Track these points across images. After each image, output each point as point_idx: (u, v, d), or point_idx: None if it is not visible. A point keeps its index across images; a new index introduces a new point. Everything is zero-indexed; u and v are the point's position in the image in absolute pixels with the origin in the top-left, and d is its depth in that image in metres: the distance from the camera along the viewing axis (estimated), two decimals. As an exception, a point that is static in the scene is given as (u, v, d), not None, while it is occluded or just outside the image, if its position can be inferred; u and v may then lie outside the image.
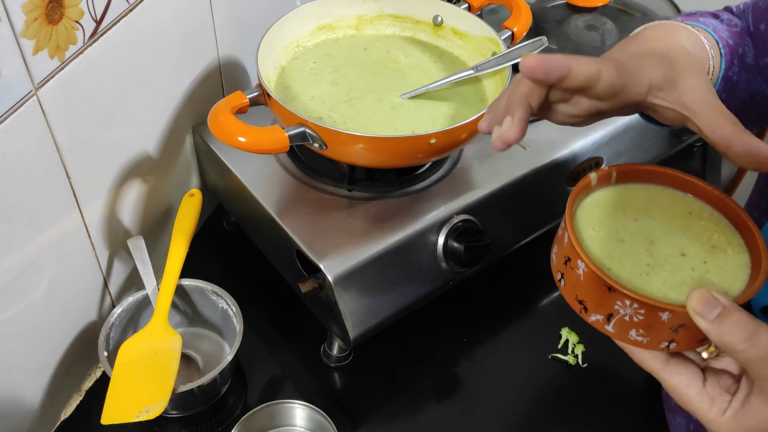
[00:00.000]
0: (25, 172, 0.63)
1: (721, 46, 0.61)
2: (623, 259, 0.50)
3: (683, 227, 0.52)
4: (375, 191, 0.79)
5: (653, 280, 0.49)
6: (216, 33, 0.86)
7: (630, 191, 0.54)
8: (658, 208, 0.53)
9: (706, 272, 0.49)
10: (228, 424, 0.76)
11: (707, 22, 0.63)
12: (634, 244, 0.51)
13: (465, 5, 0.87)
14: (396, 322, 0.79)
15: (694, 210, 0.53)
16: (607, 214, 0.53)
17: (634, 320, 0.47)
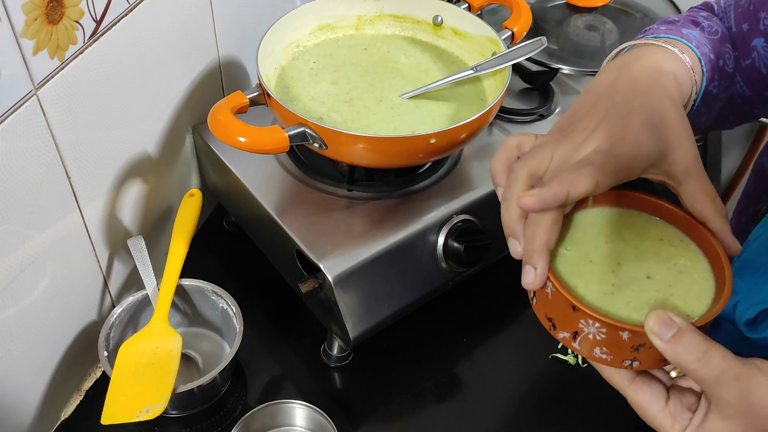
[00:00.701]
0: (25, 172, 0.63)
1: (703, 63, 0.61)
2: (590, 279, 0.51)
3: (653, 251, 0.53)
4: (375, 191, 0.79)
5: (618, 300, 0.50)
6: (216, 33, 0.86)
7: (605, 214, 0.55)
8: (631, 231, 0.54)
9: (670, 295, 0.50)
10: (228, 424, 0.76)
11: (690, 35, 0.63)
12: (602, 264, 0.52)
13: (465, 5, 0.87)
14: (396, 322, 0.79)
15: (665, 235, 0.54)
16: (580, 235, 0.54)
17: (597, 338, 0.49)
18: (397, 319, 0.79)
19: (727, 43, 0.66)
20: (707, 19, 0.69)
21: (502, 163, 0.55)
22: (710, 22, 0.68)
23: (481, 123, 0.74)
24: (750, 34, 0.66)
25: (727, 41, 0.67)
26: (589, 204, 0.55)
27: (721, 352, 0.44)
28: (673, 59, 0.58)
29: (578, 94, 0.93)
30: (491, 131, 0.87)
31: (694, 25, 0.66)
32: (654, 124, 0.51)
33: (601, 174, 0.49)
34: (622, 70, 0.56)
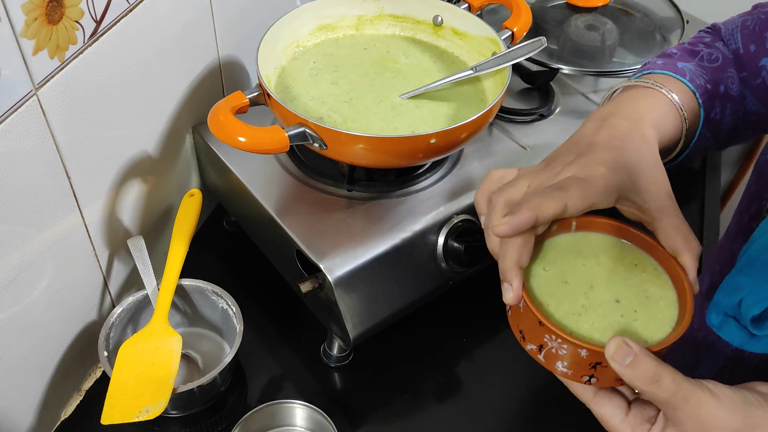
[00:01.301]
0: (25, 172, 0.63)
1: (698, 95, 0.64)
2: (561, 299, 0.54)
3: (625, 277, 0.56)
4: (375, 191, 0.79)
5: (583, 320, 0.53)
6: (216, 33, 0.86)
7: (586, 238, 0.58)
8: (607, 256, 0.57)
9: (633, 320, 0.54)
10: (228, 424, 0.76)
11: (685, 69, 0.65)
12: (575, 286, 0.55)
13: (465, 5, 0.87)
14: (396, 322, 0.79)
15: (640, 263, 0.56)
16: (559, 256, 0.57)
17: (559, 353, 0.52)
18: (397, 319, 0.79)
19: (731, 67, 0.68)
20: (709, 45, 0.70)
21: (484, 194, 0.58)
22: (711, 49, 0.70)
23: (481, 123, 0.74)
24: (757, 55, 0.68)
25: (730, 66, 0.68)
26: (572, 229, 0.58)
27: (671, 375, 0.47)
28: (659, 103, 0.62)
29: (578, 94, 0.93)
30: (491, 131, 0.87)
31: (693, 55, 0.68)
32: (629, 164, 0.55)
33: (570, 198, 0.53)
34: (605, 121, 0.59)
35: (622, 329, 0.53)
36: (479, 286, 0.88)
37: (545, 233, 0.57)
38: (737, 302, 0.55)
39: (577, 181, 0.54)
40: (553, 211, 0.52)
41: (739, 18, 0.71)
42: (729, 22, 0.72)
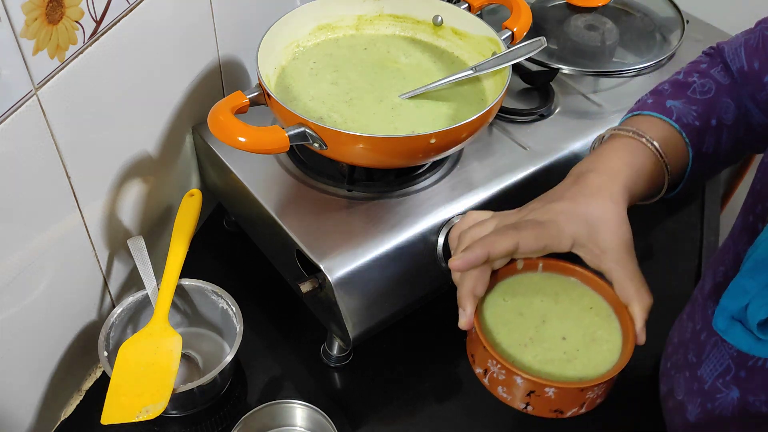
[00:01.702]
0: (25, 173, 0.63)
1: (685, 135, 0.68)
2: (513, 329, 0.60)
3: (578, 317, 0.60)
4: (375, 191, 0.79)
5: (528, 351, 0.59)
6: (216, 33, 0.86)
7: (550, 279, 0.63)
8: (566, 296, 0.62)
9: (574, 358, 0.58)
10: (228, 424, 0.76)
11: (673, 108, 0.69)
12: (528, 319, 0.60)
13: (465, 5, 0.87)
14: (396, 321, 0.79)
15: (595, 307, 0.61)
16: (521, 291, 0.62)
17: (500, 378, 0.57)
18: (397, 319, 0.79)
19: (725, 96, 0.71)
20: (704, 74, 0.73)
21: (457, 232, 0.64)
22: (705, 78, 0.72)
23: (481, 123, 0.74)
24: (761, 71, 0.69)
25: (724, 95, 0.71)
26: (539, 269, 0.64)
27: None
28: (638, 155, 0.66)
29: (578, 94, 0.93)
30: (491, 131, 0.87)
31: (684, 88, 0.71)
32: (591, 217, 0.61)
33: (523, 237, 0.58)
34: (580, 177, 0.65)
35: (561, 364, 0.57)
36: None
37: (512, 270, 0.63)
38: (744, 306, 0.54)
39: (534, 223, 0.60)
40: (504, 248, 0.58)
41: (742, 36, 0.73)
42: (733, 42, 0.74)
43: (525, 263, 0.62)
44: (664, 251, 0.96)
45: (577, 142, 0.86)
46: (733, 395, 0.61)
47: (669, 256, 0.95)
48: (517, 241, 0.58)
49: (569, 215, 0.60)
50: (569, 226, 0.60)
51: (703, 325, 0.65)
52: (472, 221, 0.64)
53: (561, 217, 0.60)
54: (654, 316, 0.88)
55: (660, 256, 0.96)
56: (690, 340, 0.68)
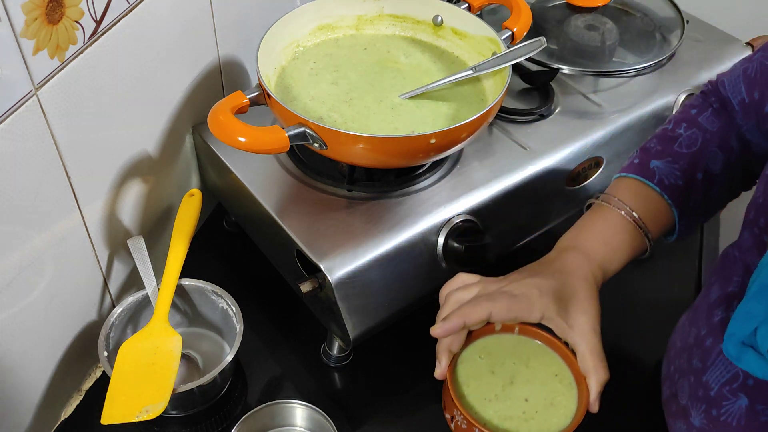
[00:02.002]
0: (25, 173, 0.63)
1: (667, 196, 0.72)
2: (481, 384, 0.67)
3: (543, 382, 0.67)
4: (375, 191, 0.79)
5: (491, 407, 0.66)
6: (216, 33, 0.86)
7: (525, 343, 0.70)
8: (536, 361, 0.68)
9: (531, 418, 0.65)
10: (228, 424, 0.76)
11: (656, 169, 0.73)
12: (498, 377, 0.67)
13: (465, 5, 0.87)
14: (396, 321, 0.79)
15: (560, 374, 0.67)
16: (496, 351, 0.69)
17: (463, 427, 0.65)
18: (397, 319, 0.79)
19: (712, 146, 0.73)
20: (692, 124, 0.75)
21: (445, 291, 0.71)
22: (692, 129, 0.74)
23: (481, 123, 0.74)
24: (762, 101, 0.70)
25: (711, 144, 0.74)
26: (515, 332, 0.70)
27: None
28: (618, 227, 0.72)
29: (578, 94, 0.93)
30: (491, 131, 0.87)
31: (670, 143, 0.74)
32: (563, 295, 0.67)
33: (495, 308, 0.65)
34: (561, 253, 0.71)
35: (518, 423, 0.64)
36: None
37: (491, 330, 0.70)
38: (752, 331, 0.54)
39: (508, 296, 0.66)
40: (478, 318, 0.65)
41: (740, 66, 0.74)
42: (732, 73, 0.75)
43: (503, 325, 0.69)
44: (664, 253, 0.96)
45: (577, 142, 0.86)
46: (741, 403, 0.61)
47: (669, 259, 0.95)
48: (490, 312, 0.65)
49: (543, 291, 0.67)
50: (541, 301, 0.66)
51: (708, 331, 0.65)
52: (459, 283, 0.71)
53: (534, 291, 0.66)
54: (654, 318, 0.88)
55: (660, 259, 0.95)
56: (694, 345, 0.67)
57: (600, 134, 0.88)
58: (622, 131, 0.90)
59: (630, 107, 0.91)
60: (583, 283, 0.68)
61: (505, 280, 0.69)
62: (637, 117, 0.91)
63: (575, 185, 0.89)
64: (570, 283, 0.68)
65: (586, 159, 0.87)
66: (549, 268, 0.69)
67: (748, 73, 0.72)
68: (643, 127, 0.92)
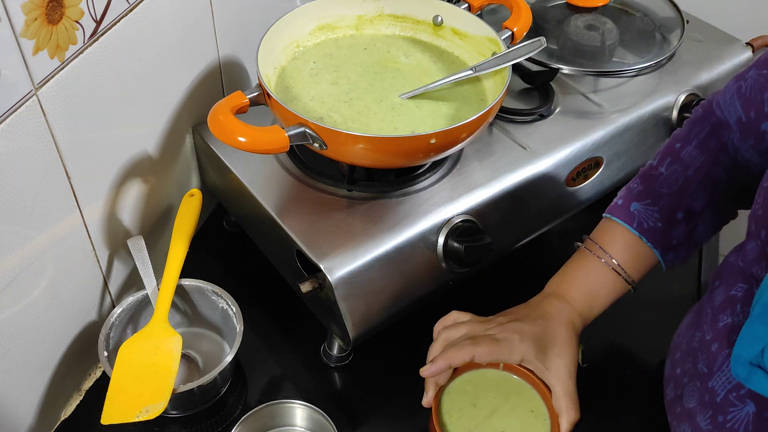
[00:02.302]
0: (25, 173, 0.63)
1: (646, 239, 0.75)
2: (463, 416, 0.71)
3: (520, 417, 0.71)
4: (375, 191, 0.79)
5: None
6: (216, 33, 0.86)
7: (508, 378, 0.74)
8: (516, 397, 0.73)
9: None
10: (228, 424, 0.76)
11: (636, 212, 0.76)
12: (479, 410, 0.72)
13: (465, 5, 0.87)
14: (396, 321, 0.79)
15: (536, 410, 0.72)
16: (481, 385, 0.73)
17: None
18: (397, 319, 0.79)
19: (692, 184, 0.75)
20: (675, 159, 0.76)
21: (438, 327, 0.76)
22: (675, 166, 0.76)
23: (481, 123, 0.74)
24: (758, 120, 0.69)
25: (693, 181, 0.75)
26: (500, 367, 0.74)
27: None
28: (598, 275, 0.77)
29: (578, 94, 0.93)
30: (491, 131, 0.87)
31: (651, 182, 0.76)
32: (543, 341, 0.72)
33: (478, 352, 0.69)
34: (545, 298, 0.76)
35: None
36: (479, 286, 0.88)
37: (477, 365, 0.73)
38: (759, 351, 0.55)
39: (490, 341, 0.70)
40: (461, 361, 0.70)
41: (734, 85, 0.73)
42: (726, 93, 0.74)
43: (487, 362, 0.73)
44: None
45: (577, 142, 0.86)
46: (748, 410, 0.61)
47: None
48: (473, 355, 0.69)
49: (524, 336, 0.71)
50: (521, 346, 0.71)
51: (713, 336, 0.65)
52: (451, 321, 0.76)
53: (516, 336, 0.71)
54: (656, 319, 0.88)
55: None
56: (699, 349, 0.67)
57: (600, 134, 0.88)
58: (622, 131, 0.90)
59: (630, 107, 0.91)
60: (562, 330, 0.73)
61: (492, 322, 0.74)
62: (637, 117, 0.91)
63: (575, 185, 0.89)
64: (551, 328, 0.73)
65: (586, 159, 0.88)
66: (533, 313, 0.74)
67: (742, 91, 0.71)
68: (643, 127, 0.92)
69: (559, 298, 0.76)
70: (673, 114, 0.94)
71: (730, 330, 0.63)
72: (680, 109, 0.94)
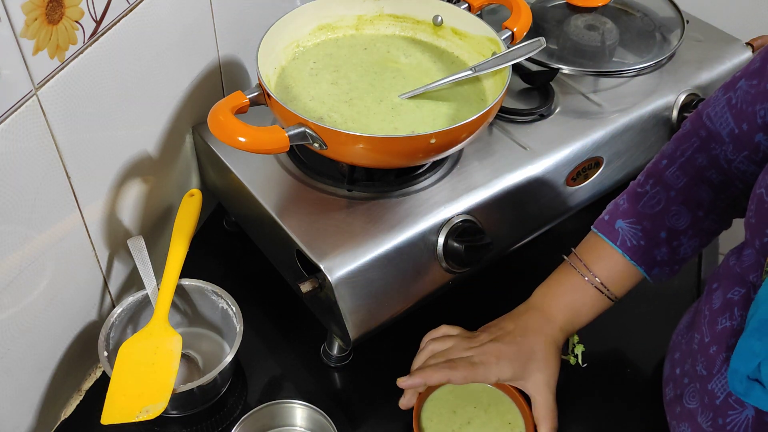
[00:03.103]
0: (25, 172, 0.63)
1: (629, 256, 0.76)
2: (441, 422, 0.74)
3: (497, 428, 0.74)
4: (375, 191, 0.79)
5: None
6: (216, 33, 0.86)
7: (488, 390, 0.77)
8: (495, 408, 0.75)
9: None
10: (228, 424, 0.76)
11: (620, 230, 0.77)
12: (458, 417, 0.75)
13: (465, 5, 0.87)
14: (396, 321, 0.79)
15: (514, 422, 0.74)
16: (463, 394, 0.76)
17: None
18: (397, 319, 0.79)
19: (675, 204, 0.76)
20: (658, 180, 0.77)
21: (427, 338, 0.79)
22: (658, 187, 0.77)
23: (481, 123, 0.74)
24: (751, 132, 0.69)
25: (675, 202, 0.76)
26: None
27: None
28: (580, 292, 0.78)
29: (578, 94, 0.93)
30: (491, 131, 0.87)
31: (637, 201, 0.77)
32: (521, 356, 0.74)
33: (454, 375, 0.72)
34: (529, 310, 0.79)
35: None
36: (479, 286, 0.88)
37: None
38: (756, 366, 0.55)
39: (466, 365, 0.73)
40: (437, 381, 0.73)
41: (723, 96, 0.73)
42: (716, 104, 0.74)
43: None
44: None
45: (577, 142, 0.86)
46: (747, 413, 0.61)
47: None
48: (449, 378, 0.72)
49: (500, 357, 0.74)
50: (496, 368, 0.73)
51: (712, 339, 0.65)
52: (439, 333, 0.79)
53: (492, 359, 0.74)
54: (655, 317, 0.88)
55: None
56: (698, 351, 0.67)
57: (600, 134, 0.88)
58: (622, 131, 0.90)
59: (630, 107, 0.91)
60: (541, 344, 0.76)
61: (476, 341, 0.76)
62: (637, 117, 0.91)
63: (575, 185, 0.89)
64: (530, 344, 0.76)
65: (586, 159, 0.88)
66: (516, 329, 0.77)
67: (732, 103, 0.71)
68: (643, 127, 0.92)
69: (542, 313, 0.78)
70: (673, 114, 0.94)
71: (729, 334, 0.63)
72: (680, 109, 0.94)
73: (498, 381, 0.74)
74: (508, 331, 0.77)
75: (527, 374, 0.74)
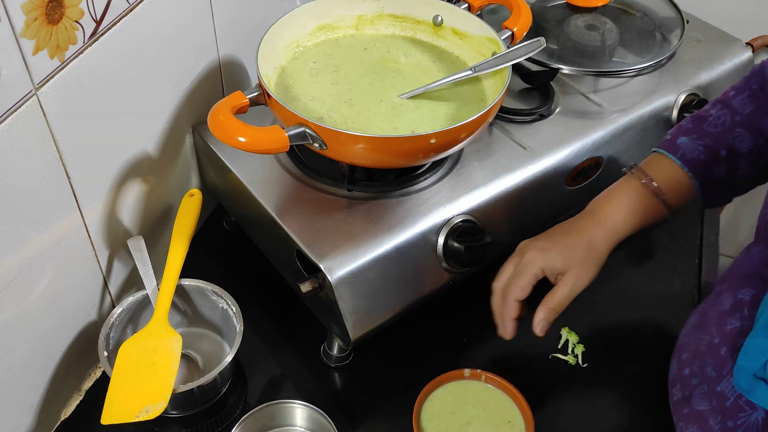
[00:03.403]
0: (25, 172, 0.63)
1: (688, 169, 0.77)
2: (441, 423, 0.74)
3: (496, 427, 0.74)
4: (375, 191, 0.79)
5: None
6: (216, 33, 0.86)
7: (487, 390, 0.77)
8: (494, 408, 0.76)
9: None
10: (228, 424, 0.76)
11: (681, 144, 0.78)
12: (457, 418, 0.75)
13: (465, 5, 0.87)
14: (396, 321, 0.79)
15: (513, 421, 0.75)
16: (463, 395, 0.76)
17: None
18: (397, 319, 0.79)
19: (739, 127, 0.77)
20: (725, 105, 0.78)
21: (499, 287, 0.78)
22: (723, 110, 0.78)
23: (481, 123, 0.74)
24: None
25: (738, 126, 0.77)
26: (482, 379, 0.77)
27: None
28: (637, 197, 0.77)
29: (578, 94, 0.93)
30: (491, 131, 0.87)
31: (701, 122, 0.79)
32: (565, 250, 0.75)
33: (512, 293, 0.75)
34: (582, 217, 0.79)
35: None
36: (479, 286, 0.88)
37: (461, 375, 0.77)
38: (762, 364, 0.54)
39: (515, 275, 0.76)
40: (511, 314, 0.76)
41: None
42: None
43: (471, 373, 0.77)
44: (664, 250, 0.96)
45: (577, 142, 0.86)
46: (757, 416, 0.60)
47: (669, 255, 0.95)
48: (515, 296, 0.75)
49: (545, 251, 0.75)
50: (541, 260, 0.75)
51: (721, 340, 0.65)
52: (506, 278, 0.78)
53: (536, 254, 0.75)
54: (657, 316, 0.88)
55: (660, 256, 0.96)
56: (707, 352, 0.67)
57: (600, 134, 0.88)
58: (622, 131, 0.90)
59: (630, 107, 0.91)
60: (583, 244, 0.76)
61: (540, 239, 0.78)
62: (637, 117, 0.91)
63: (575, 185, 0.89)
64: (572, 241, 0.76)
65: (586, 159, 0.88)
66: (563, 226, 0.78)
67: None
68: (643, 127, 0.92)
69: (592, 215, 0.78)
70: (673, 114, 0.94)
71: (738, 334, 0.63)
72: (680, 109, 0.94)
73: (541, 272, 0.75)
74: (557, 231, 0.78)
75: (566, 267, 0.74)
